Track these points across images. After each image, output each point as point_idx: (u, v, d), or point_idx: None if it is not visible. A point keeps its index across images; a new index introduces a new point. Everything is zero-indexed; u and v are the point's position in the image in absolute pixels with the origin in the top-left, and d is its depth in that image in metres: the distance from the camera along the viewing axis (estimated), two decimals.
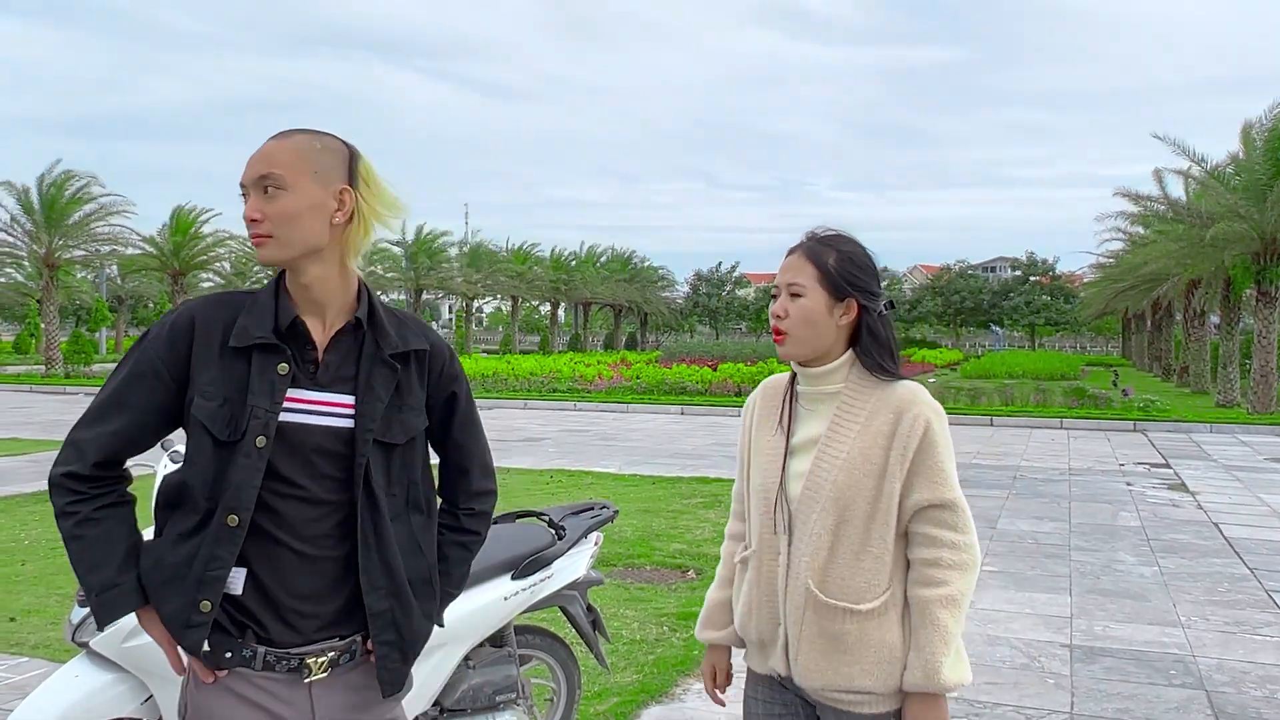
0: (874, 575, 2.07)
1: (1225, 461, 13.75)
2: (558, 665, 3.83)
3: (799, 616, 2.10)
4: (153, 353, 1.91)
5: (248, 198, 1.90)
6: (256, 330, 1.89)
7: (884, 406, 2.10)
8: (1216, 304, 25.74)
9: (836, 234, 2.18)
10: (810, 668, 2.09)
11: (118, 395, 1.91)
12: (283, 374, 1.89)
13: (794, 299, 2.12)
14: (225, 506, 1.85)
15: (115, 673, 2.91)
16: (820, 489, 2.08)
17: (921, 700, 2.06)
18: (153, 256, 33.93)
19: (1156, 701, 4.67)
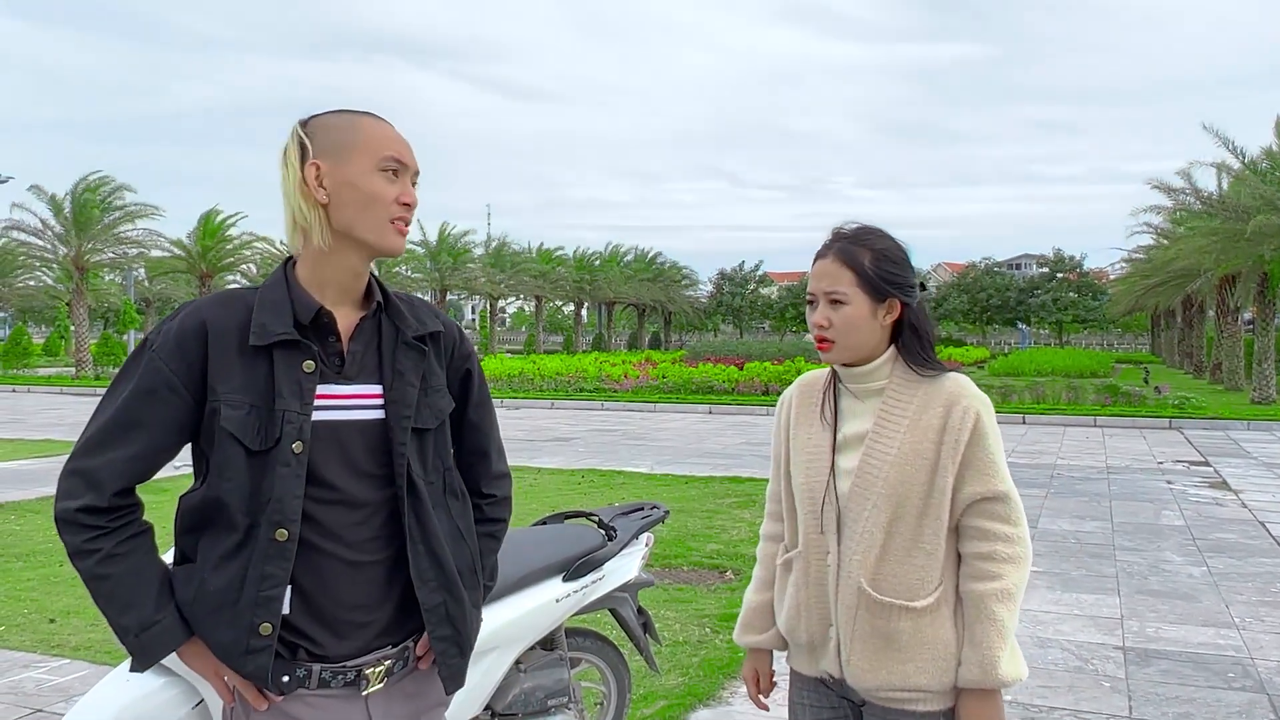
0: (927, 571, 2.02)
1: (1266, 459, 13.53)
2: (608, 668, 3.76)
3: (851, 616, 2.05)
4: (161, 364, 1.74)
5: (398, 175, 1.81)
6: (276, 326, 1.76)
7: (933, 400, 2.05)
8: (1251, 299, 25.38)
9: (865, 229, 2.11)
10: (864, 668, 2.04)
11: (127, 414, 1.74)
12: (309, 371, 1.77)
13: (835, 307, 2.06)
14: (270, 521, 1.73)
15: (166, 676, 2.84)
16: (871, 485, 2.03)
17: (977, 696, 2.01)
18: (180, 259, 34.17)
19: (1217, 706, 4.55)
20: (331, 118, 1.83)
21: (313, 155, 1.78)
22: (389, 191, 1.79)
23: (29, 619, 5.75)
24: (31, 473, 11.48)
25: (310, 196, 1.77)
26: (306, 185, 1.77)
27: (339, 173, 1.78)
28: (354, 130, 1.80)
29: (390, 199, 1.80)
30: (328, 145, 1.79)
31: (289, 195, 1.79)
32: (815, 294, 2.09)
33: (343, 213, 1.79)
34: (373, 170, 1.79)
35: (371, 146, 1.79)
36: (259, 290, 1.82)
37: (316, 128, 1.81)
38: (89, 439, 1.76)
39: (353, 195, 1.78)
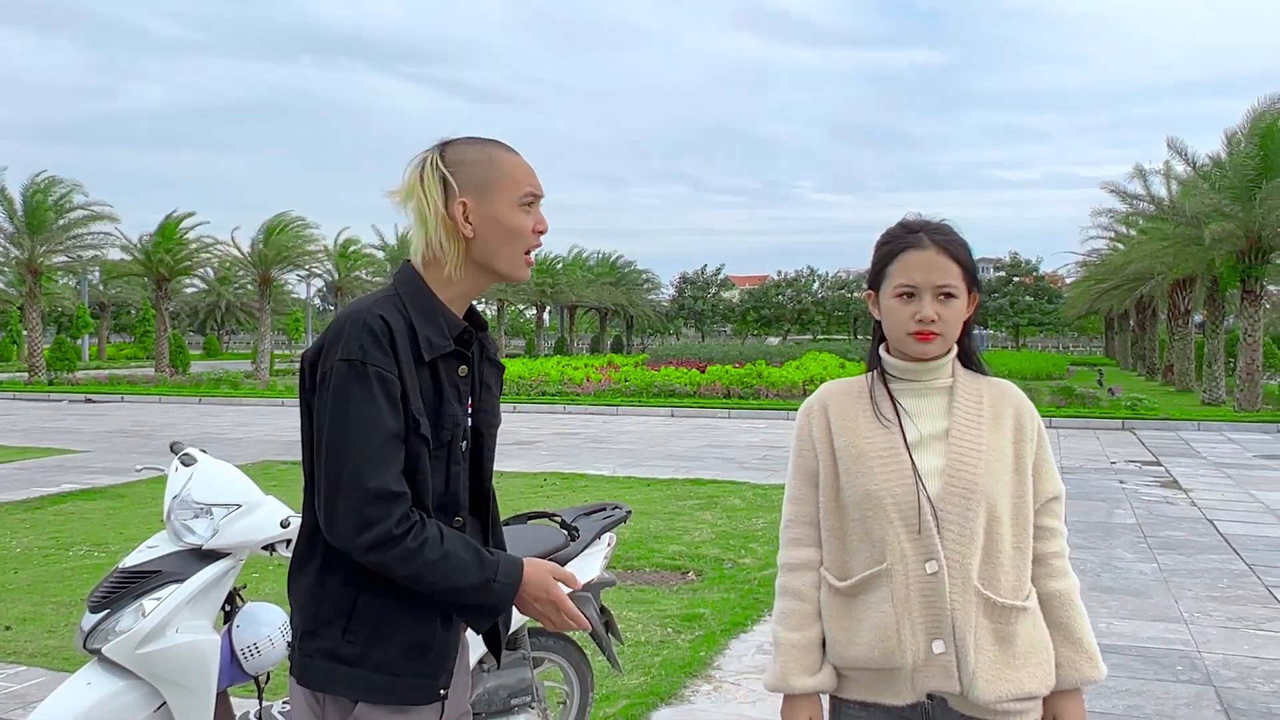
0: (1025, 571, 2.00)
1: (1215, 459, 13.82)
2: (571, 668, 3.80)
3: (971, 624, 1.94)
4: (387, 373, 1.80)
5: (533, 208, 1.94)
6: (439, 340, 1.88)
7: (1001, 400, 2.06)
8: (1202, 303, 25.90)
9: (944, 223, 2.07)
10: (990, 678, 1.94)
11: (387, 429, 1.79)
12: (463, 376, 1.93)
13: (946, 300, 2.00)
14: (449, 511, 1.90)
15: (127, 679, 2.86)
16: (970, 483, 1.96)
17: (1075, 696, 2.03)
18: (137, 262, 33.73)
19: (1166, 698, 4.67)
20: (469, 150, 1.91)
21: (459, 192, 1.86)
22: (528, 224, 1.92)
23: None
24: None
25: (455, 231, 1.87)
26: (452, 220, 1.86)
27: (483, 209, 1.89)
28: (493, 166, 1.90)
29: (529, 231, 1.93)
30: (472, 181, 1.88)
31: (426, 223, 1.87)
32: (917, 286, 1.99)
33: (485, 246, 1.91)
34: (515, 205, 1.90)
35: (514, 182, 1.91)
36: (403, 297, 1.89)
37: (457, 162, 1.89)
38: (360, 466, 1.76)
39: (496, 231, 1.90)
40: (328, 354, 1.84)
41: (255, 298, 34.48)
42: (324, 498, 1.80)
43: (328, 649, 1.87)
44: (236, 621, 3.10)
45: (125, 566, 2.93)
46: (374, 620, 1.86)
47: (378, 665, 1.86)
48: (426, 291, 1.90)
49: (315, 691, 1.90)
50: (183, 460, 3.09)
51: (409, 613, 1.86)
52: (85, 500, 9.96)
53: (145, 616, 2.82)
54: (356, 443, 1.77)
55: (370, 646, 1.86)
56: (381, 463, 1.77)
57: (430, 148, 1.91)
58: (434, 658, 1.90)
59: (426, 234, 1.87)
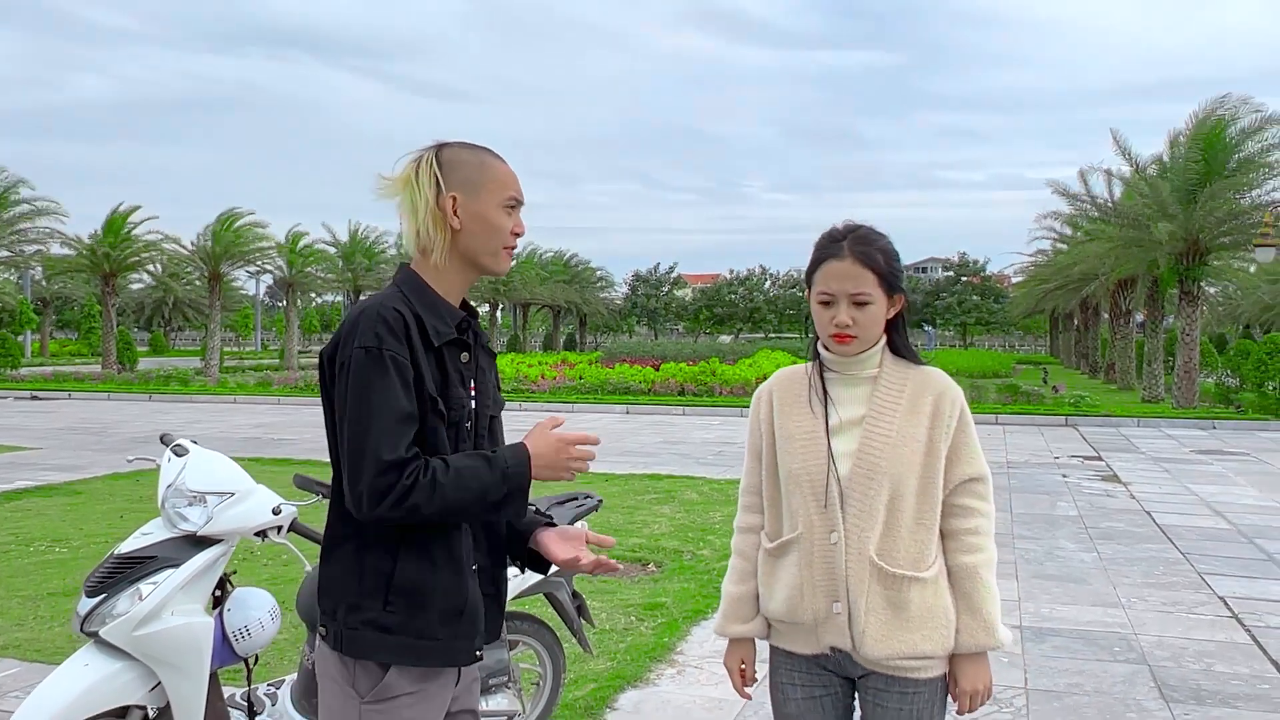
0: (927, 545, 2.23)
1: (1153, 454, 14.29)
2: (544, 650, 3.96)
3: (863, 589, 2.20)
4: (401, 357, 1.99)
5: (514, 210, 2.14)
6: (444, 328, 2.08)
7: (924, 389, 2.27)
8: (1143, 303, 26.60)
9: (868, 230, 2.28)
10: (878, 637, 2.20)
11: (401, 408, 1.96)
12: (465, 362, 2.12)
13: (860, 307, 2.22)
14: None
15: (124, 661, 2.97)
16: (874, 465, 2.21)
17: (974, 659, 2.27)
18: (83, 258, 33.17)
19: (1104, 676, 4.94)
20: (463, 153, 2.13)
21: (448, 188, 2.08)
22: (508, 224, 2.14)
23: None
24: None
25: (442, 223, 2.08)
26: (440, 212, 2.07)
27: (471, 206, 2.10)
28: (483, 169, 2.12)
29: (508, 230, 2.14)
30: (462, 180, 2.10)
31: (417, 216, 2.08)
32: (834, 294, 2.23)
33: (470, 239, 2.12)
34: (499, 206, 2.12)
35: (500, 185, 2.13)
36: (405, 293, 2.08)
37: (450, 162, 2.10)
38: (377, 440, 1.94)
39: (481, 226, 2.12)
40: (345, 345, 2.02)
41: (204, 294, 34.00)
42: (349, 476, 1.97)
43: (371, 619, 2.03)
44: (228, 605, 3.22)
45: (121, 552, 3.04)
46: (411, 590, 2.03)
47: (419, 632, 2.04)
48: (425, 286, 2.11)
49: (358, 660, 2.04)
50: (175, 451, 3.20)
51: (442, 578, 2.04)
52: (41, 497, 9.92)
53: (142, 600, 2.93)
54: (374, 422, 1.95)
55: (410, 615, 2.03)
56: (396, 438, 1.95)
57: (427, 147, 2.13)
58: (467, 620, 2.08)
59: (416, 223, 2.08)
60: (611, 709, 4.46)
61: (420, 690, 2.05)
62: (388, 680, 2.03)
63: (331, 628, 2.07)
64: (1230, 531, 8.71)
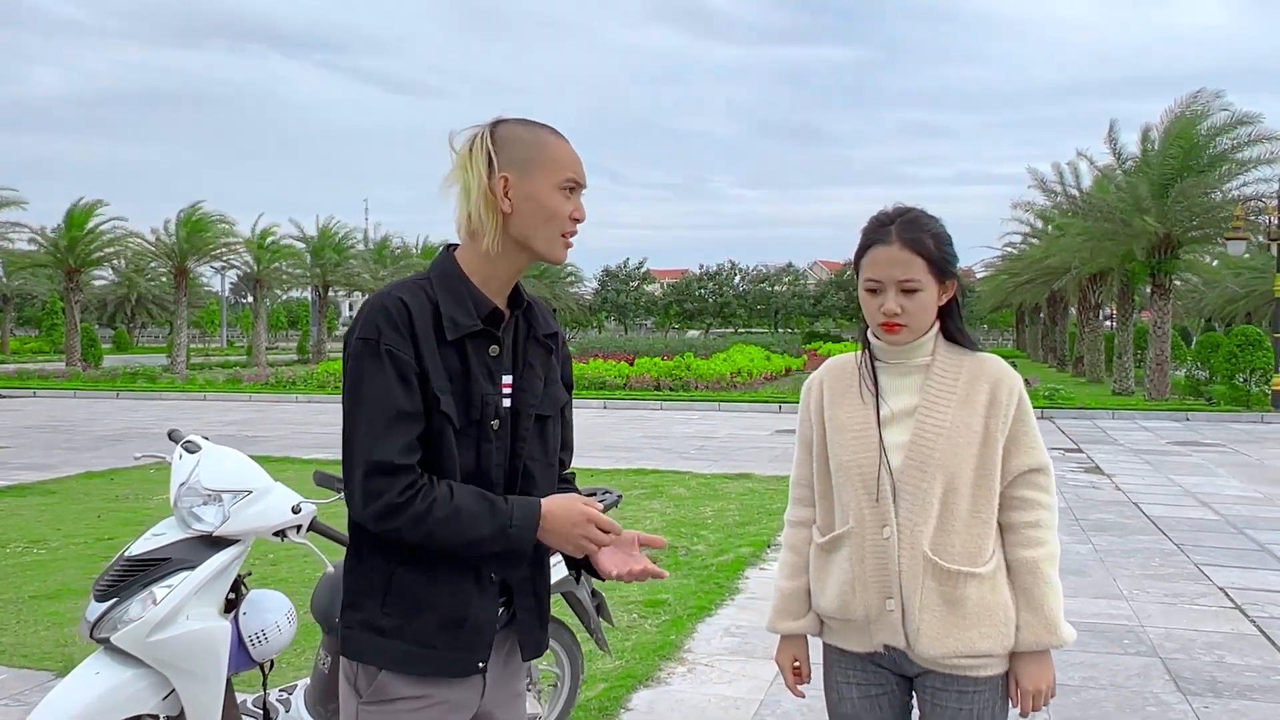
0: (984, 539, 2.14)
1: (1132, 445, 14.38)
2: (563, 651, 3.85)
3: (917, 585, 2.12)
4: (400, 352, 1.84)
5: (573, 193, 1.96)
6: (465, 320, 1.90)
7: (979, 377, 2.16)
8: (1114, 296, 26.85)
9: (918, 213, 2.18)
10: (934, 635, 2.12)
11: (396, 408, 1.82)
12: (495, 355, 1.94)
13: (909, 295, 2.12)
14: (483, 488, 1.89)
15: (137, 668, 2.84)
16: (927, 458, 2.11)
17: (1036, 658, 2.16)
18: (46, 254, 32.58)
19: (1117, 669, 4.90)
20: (519, 129, 1.94)
21: (500, 167, 1.89)
22: (566, 208, 1.94)
23: None
24: None
25: (493, 204, 1.90)
26: (492, 194, 1.89)
27: (524, 187, 1.91)
28: (540, 147, 1.93)
29: (566, 215, 1.94)
30: (515, 159, 1.91)
31: (468, 196, 1.90)
32: (882, 281, 2.12)
33: (522, 223, 1.92)
34: (555, 188, 1.92)
35: (556, 165, 1.93)
36: (432, 280, 1.92)
37: (504, 139, 1.91)
38: (365, 439, 1.81)
39: (534, 209, 1.92)
40: (349, 336, 1.89)
41: (169, 290, 33.51)
42: (344, 473, 1.86)
43: (366, 620, 1.91)
44: (243, 609, 3.08)
45: (132, 554, 2.89)
46: (409, 593, 1.89)
47: (414, 638, 1.90)
48: (457, 273, 1.94)
49: (354, 661, 1.95)
50: (186, 447, 3.06)
51: (444, 586, 1.89)
52: (14, 497, 9.65)
53: (156, 604, 2.79)
54: (364, 418, 1.83)
55: (407, 619, 1.90)
56: (387, 436, 1.81)
57: (485, 123, 1.95)
58: (470, 631, 1.92)
59: (468, 205, 1.91)
60: (626, 709, 4.36)
61: (424, 697, 1.91)
62: (383, 681, 1.92)
63: (339, 627, 1.98)
64: (1219, 522, 8.74)
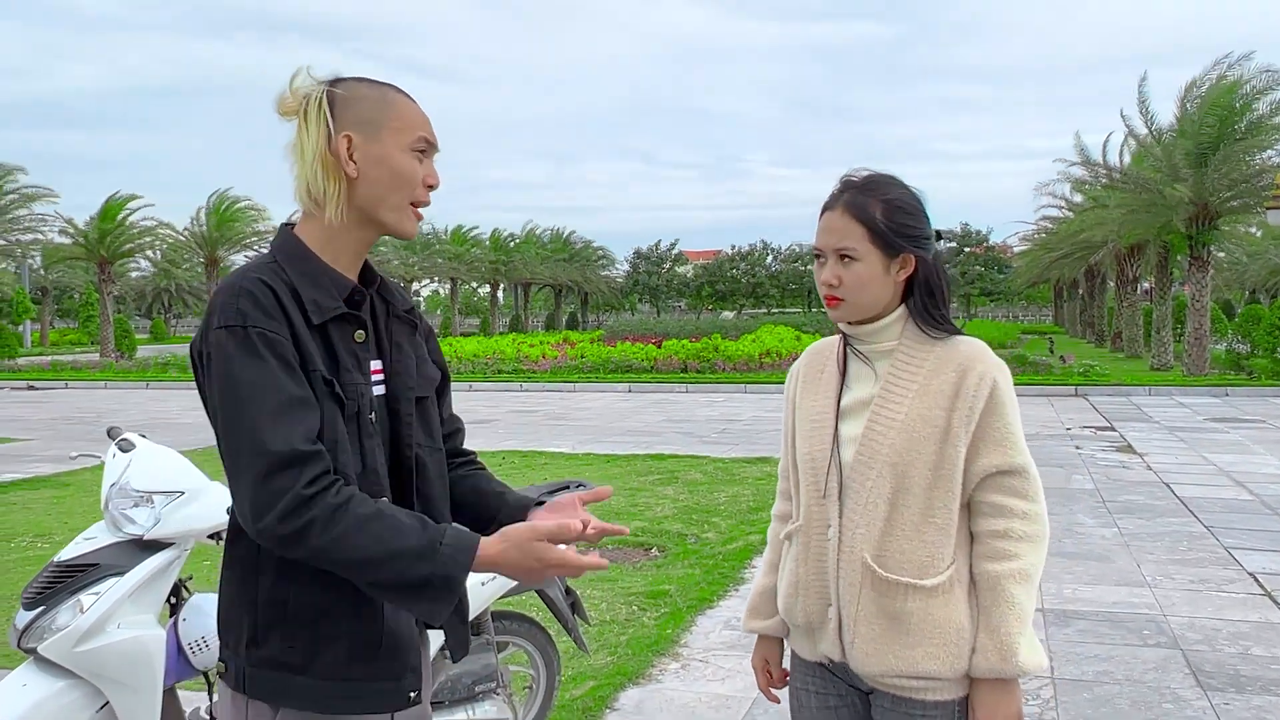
0: (938, 548, 1.89)
1: (1167, 423, 13.99)
2: (537, 651, 3.69)
3: (855, 594, 1.91)
4: (277, 336, 1.60)
5: (426, 156, 1.75)
6: (328, 302, 1.69)
7: (945, 364, 1.92)
8: (1152, 270, 26.26)
9: (874, 177, 1.96)
10: (868, 651, 1.91)
11: (285, 393, 1.57)
12: (361, 341, 1.72)
13: (846, 264, 1.91)
14: (372, 493, 1.65)
15: (67, 679, 2.70)
16: (876, 453, 1.90)
17: (993, 686, 1.87)
18: (79, 246, 32.91)
19: (1134, 662, 4.65)
20: (361, 87, 1.73)
21: (341, 128, 1.69)
22: (418, 172, 1.74)
23: None
24: None
25: (335, 169, 1.68)
26: (333, 157, 1.68)
27: (369, 148, 1.70)
28: (386, 105, 1.73)
29: (418, 180, 1.74)
30: (359, 118, 1.70)
31: (304, 161, 1.69)
32: (823, 250, 1.95)
33: (370, 190, 1.71)
34: (404, 149, 1.72)
35: (405, 124, 1.73)
36: (278, 262, 1.70)
37: (345, 97, 1.70)
38: (254, 433, 1.55)
39: (380, 173, 1.70)
40: (205, 330, 1.64)
41: (203, 280, 33.78)
42: (230, 482, 1.59)
43: (272, 658, 1.67)
44: (183, 615, 2.94)
45: (61, 560, 2.76)
46: (311, 619, 1.65)
47: (327, 672, 1.66)
48: (306, 252, 1.72)
49: (266, 703, 1.69)
50: (120, 446, 2.92)
51: (348, 604, 1.66)
52: (28, 490, 9.66)
53: (83, 613, 2.66)
54: (250, 411, 1.56)
55: (313, 651, 1.66)
56: (282, 424, 1.56)
57: (319, 79, 1.73)
58: (385, 656, 1.69)
59: (305, 171, 1.69)
60: (611, 709, 4.18)
61: None
62: (280, 717, 1.67)
63: (232, 663, 1.72)
64: (1254, 503, 8.41)
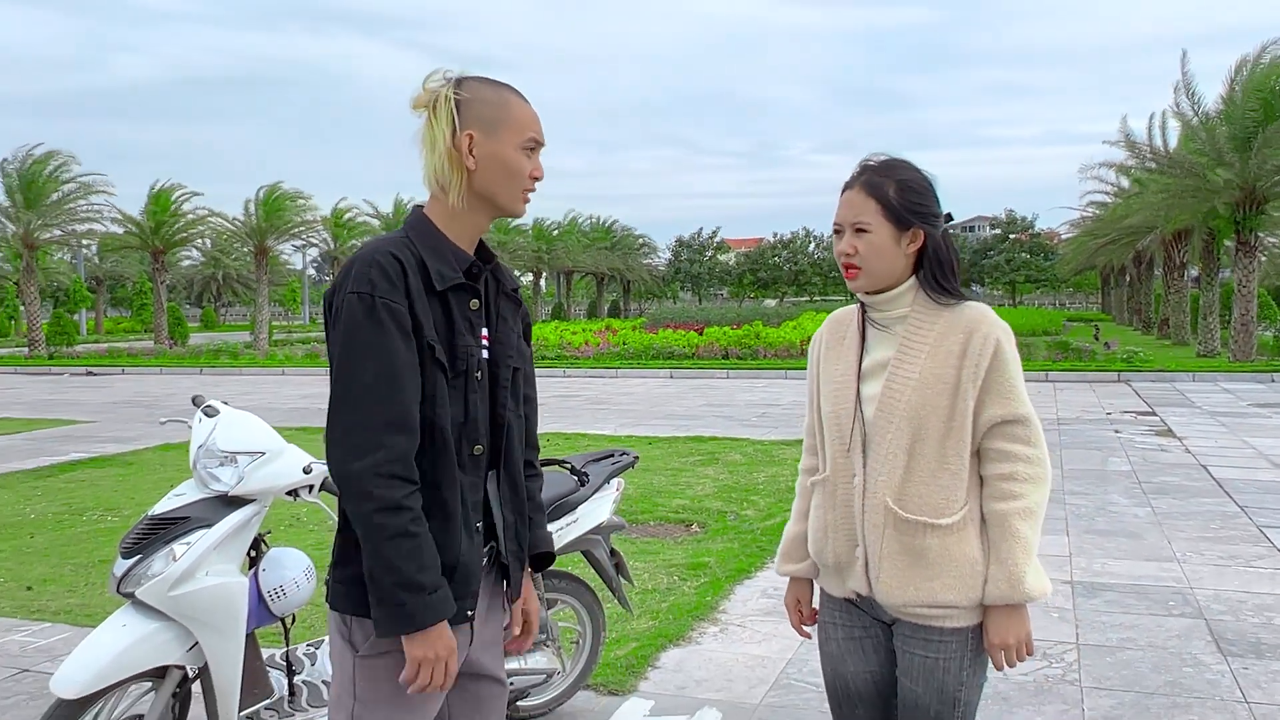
0: (952, 491, 2.13)
1: (1209, 408, 13.96)
2: (583, 609, 3.93)
3: (879, 534, 2.15)
4: (396, 305, 1.89)
5: (534, 152, 2.03)
6: (450, 272, 1.97)
7: (954, 327, 2.14)
8: (1198, 256, 25.97)
9: (891, 161, 2.19)
10: (893, 584, 2.15)
11: (399, 360, 1.87)
12: (475, 309, 2.01)
13: (860, 235, 2.15)
14: (469, 439, 1.99)
15: (161, 621, 2.97)
16: (894, 408, 2.13)
17: (1004, 611, 2.13)
18: (133, 235, 33.67)
19: (1158, 630, 4.81)
20: (483, 88, 2.00)
21: (465, 125, 1.96)
22: (527, 166, 2.01)
23: (5, 587, 5.81)
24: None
25: (458, 162, 1.97)
26: (457, 151, 1.96)
27: (488, 145, 1.98)
28: (504, 107, 2.00)
29: (527, 173, 2.02)
30: (480, 118, 1.98)
31: (434, 153, 1.97)
32: (841, 224, 2.18)
33: (486, 180, 2.00)
34: (518, 147, 2.00)
35: (519, 125, 2.00)
36: (409, 237, 1.99)
37: (468, 98, 1.98)
38: (368, 391, 1.85)
39: (497, 167, 1.99)
40: (339, 290, 1.93)
41: (253, 269, 34.40)
42: (329, 421, 1.90)
43: (355, 574, 1.96)
44: (262, 566, 3.21)
45: (155, 513, 3.03)
46: None
47: None
48: (433, 229, 2.01)
49: (353, 615, 2.00)
50: (206, 412, 3.18)
51: (433, 532, 1.93)
52: (94, 468, 10.09)
53: (176, 560, 2.93)
54: (368, 370, 1.86)
55: None
56: (389, 394, 1.86)
57: (448, 79, 2.00)
58: (459, 578, 1.98)
59: (434, 161, 1.97)
60: (654, 667, 4.42)
61: None
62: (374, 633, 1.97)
63: (330, 585, 2.05)
64: None
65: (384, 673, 1.98)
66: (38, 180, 29.39)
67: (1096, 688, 4.13)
